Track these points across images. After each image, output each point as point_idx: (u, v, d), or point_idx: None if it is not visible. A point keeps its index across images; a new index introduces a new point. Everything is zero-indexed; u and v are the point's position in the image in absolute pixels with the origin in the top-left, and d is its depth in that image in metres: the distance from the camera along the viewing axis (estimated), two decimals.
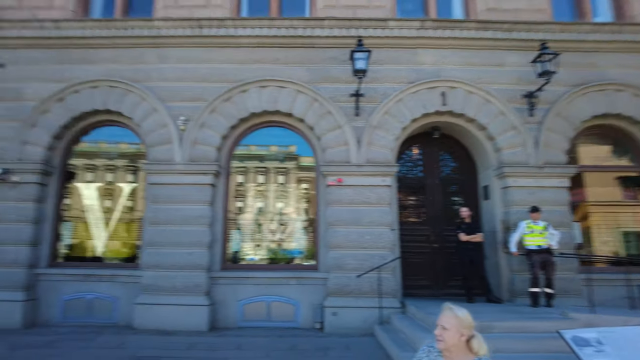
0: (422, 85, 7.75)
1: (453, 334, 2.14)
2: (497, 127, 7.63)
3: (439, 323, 2.19)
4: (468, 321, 2.19)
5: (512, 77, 7.81)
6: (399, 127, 7.69)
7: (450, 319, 2.16)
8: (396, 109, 7.71)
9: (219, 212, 7.75)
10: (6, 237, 7.38)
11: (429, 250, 8.00)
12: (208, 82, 7.91)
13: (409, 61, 7.88)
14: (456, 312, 2.18)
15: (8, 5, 8.35)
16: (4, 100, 7.96)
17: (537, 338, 5.06)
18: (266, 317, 7.29)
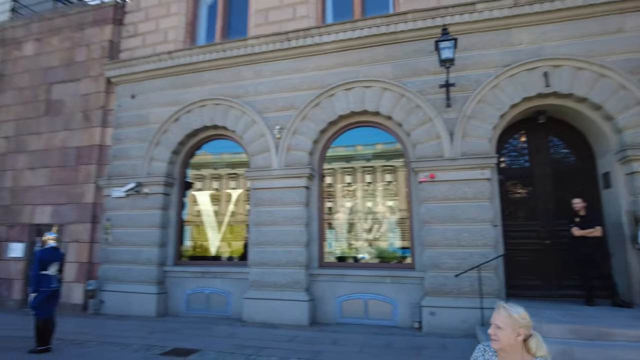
0: (520, 67, 7.08)
1: (509, 333, 1.99)
2: (617, 104, 6.59)
3: (493, 322, 2.06)
4: (525, 320, 2.02)
5: (634, 44, 6.70)
6: (496, 115, 7.14)
7: (504, 318, 2.02)
8: (492, 95, 7.18)
9: (314, 213, 8.09)
10: (141, 240, 8.74)
11: (540, 247, 7.24)
12: (298, 90, 8.35)
13: (503, 43, 7.28)
14: (510, 311, 2.03)
15: (135, 46, 9.92)
16: (135, 125, 9.45)
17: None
18: (364, 315, 7.37)
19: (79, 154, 9.86)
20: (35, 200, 10.02)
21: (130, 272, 8.75)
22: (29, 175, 10.26)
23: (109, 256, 9.02)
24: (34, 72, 10.85)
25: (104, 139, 9.79)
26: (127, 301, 8.58)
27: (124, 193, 9.04)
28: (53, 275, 5.89)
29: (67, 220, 9.58)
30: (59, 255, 6.13)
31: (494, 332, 2.03)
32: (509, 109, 7.14)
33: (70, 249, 9.34)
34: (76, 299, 9.05)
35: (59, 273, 6.05)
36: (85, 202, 9.51)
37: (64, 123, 10.17)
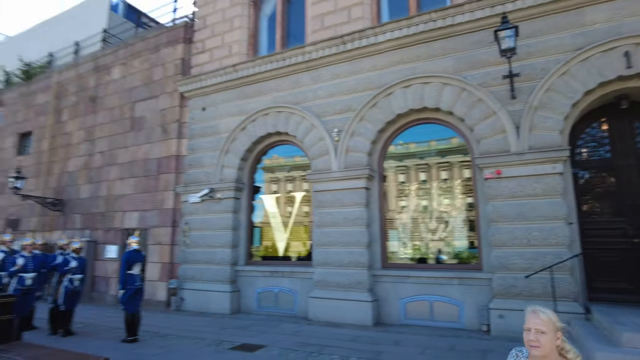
0: (595, 49, 6.47)
1: (551, 338, 1.89)
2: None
3: (532, 327, 1.95)
4: (560, 323, 1.91)
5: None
6: (567, 103, 6.60)
7: (545, 322, 1.91)
8: (561, 83, 6.65)
9: (375, 213, 8.10)
10: (215, 242, 9.40)
11: (627, 247, 6.51)
12: (355, 92, 8.42)
13: (573, 25, 6.70)
14: (548, 314, 1.92)
15: (203, 61, 10.69)
16: (207, 135, 10.19)
17: None
18: (429, 317, 7.23)
19: (159, 164, 10.86)
20: (124, 207, 11.23)
21: (207, 272, 9.45)
22: (119, 185, 11.52)
23: (187, 257, 9.82)
24: (121, 92, 12.17)
25: (180, 149, 10.68)
26: (205, 299, 9.27)
27: (199, 199, 9.78)
28: (137, 275, 6.61)
29: (150, 225, 10.61)
30: (141, 257, 6.86)
31: (535, 338, 1.93)
32: (583, 97, 6.55)
33: (153, 250, 10.34)
34: (160, 297, 9.99)
35: (141, 272, 6.76)
36: (165, 208, 10.46)
37: (146, 137, 11.27)
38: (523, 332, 2.04)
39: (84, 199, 12.24)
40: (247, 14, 10.45)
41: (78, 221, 12.20)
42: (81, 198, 12.32)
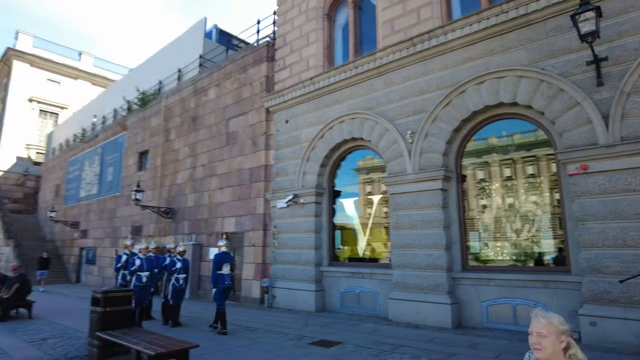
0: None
1: (553, 341, 1.93)
2: None
3: (533, 331, 2.01)
4: (565, 327, 1.93)
5: None
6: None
7: (545, 325, 1.96)
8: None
9: (454, 215, 7.98)
10: (300, 244, 10.07)
11: None
12: (427, 93, 8.41)
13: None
14: (549, 318, 1.96)
15: (284, 77, 11.51)
16: (290, 145, 10.95)
17: None
18: (512, 321, 6.93)
19: (251, 173, 11.94)
20: (223, 214, 12.55)
21: (294, 272, 10.17)
22: (218, 193, 12.91)
23: (277, 258, 10.66)
24: (216, 111, 13.62)
25: (268, 159, 11.62)
26: (292, 297, 9.99)
27: (285, 204, 10.56)
28: (227, 274, 7.50)
29: (245, 229, 11.71)
30: (230, 258, 7.75)
31: (536, 341, 1.99)
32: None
33: (248, 252, 11.40)
34: (255, 294, 10.98)
35: (230, 272, 7.63)
36: (257, 213, 11.46)
37: (239, 150, 12.47)
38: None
39: (190, 207, 13.93)
40: (321, 27, 11.01)
41: (186, 227, 13.93)
42: (188, 206, 14.04)
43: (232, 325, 7.86)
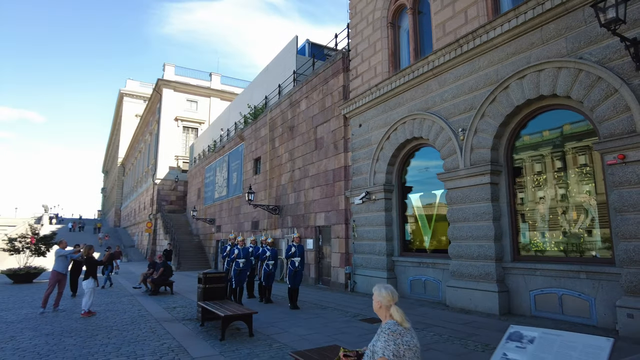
0: None
1: (375, 303, 2.95)
2: None
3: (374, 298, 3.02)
4: (382, 296, 2.90)
5: None
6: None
7: (374, 295, 2.97)
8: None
9: (504, 207, 8.27)
10: (374, 236, 11.24)
11: None
12: (475, 91, 8.76)
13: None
14: (374, 290, 2.96)
15: (357, 85, 12.69)
16: (363, 147, 12.13)
17: None
18: (558, 310, 7.07)
19: (334, 174, 13.46)
20: (315, 210, 14.34)
21: (370, 261, 11.38)
22: (311, 192, 14.75)
23: (356, 248, 11.99)
24: (307, 120, 15.47)
25: (347, 161, 12.99)
26: (369, 283, 11.20)
27: (360, 200, 11.81)
28: (296, 260, 9.19)
29: (332, 223, 13.30)
30: (301, 249, 9.38)
31: (374, 301, 3.03)
32: None
33: (335, 243, 12.96)
34: (340, 280, 12.50)
35: (300, 260, 9.31)
36: (340, 209, 12.94)
37: (324, 153, 14.09)
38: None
39: (291, 204, 16.10)
40: (386, 36, 11.88)
41: (289, 221, 16.16)
42: (290, 204, 16.25)
43: (310, 303, 9.53)
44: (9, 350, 5.96)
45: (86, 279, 8.88)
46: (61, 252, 9.94)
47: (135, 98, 57.10)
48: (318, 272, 14.14)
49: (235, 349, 5.83)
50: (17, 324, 7.95)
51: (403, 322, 2.94)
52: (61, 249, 10.02)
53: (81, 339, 6.56)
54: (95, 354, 5.70)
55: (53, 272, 9.71)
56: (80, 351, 5.83)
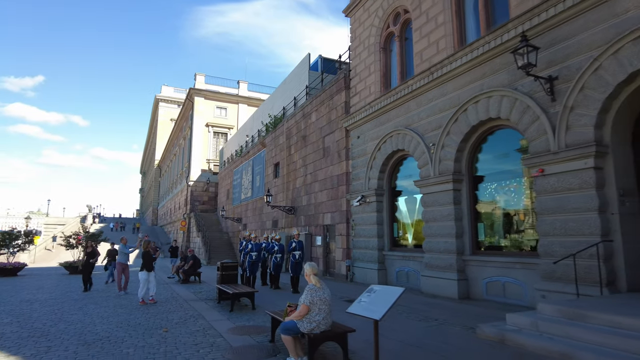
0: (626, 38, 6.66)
1: (305, 274, 4.87)
2: None
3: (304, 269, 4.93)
4: (307, 269, 4.81)
5: None
6: (601, 98, 6.97)
7: (304, 268, 4.89)
8: (594, 79, 7.04)
9: (465, 210, 9.91)
10: (368, 233, 13.08)
11: None
12: (443, 111, 10.43)
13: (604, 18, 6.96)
14: (305, 266, 4.87)
15: (356, 102, 14.50)
16: (360, 156, 13.96)
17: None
18: (502, 294, 8.70)
19: (338, 179, 15.35)
20: (323, 210, 16.29)
21: (365, 255, 13.22)
22: (320, 195, 16.70)
23: (355, 244, 13.85)
24: (316, 131, 17.41)
25: (348, 168, 14.84)
26: (365, 274, 13.05)
27: (357, 202, 13.65)
28: (297, 253, 11.18)
29: (336, 222, 15.21)
30: (301, 244, 11.37)
31: (305, 271, 4.95)
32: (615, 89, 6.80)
33: (338, 239, 14.87)
34: (342, 271, 14.40)
35: (300, 253, 11.27)
36: (342, 210, 14.82)
37: (330, 161, 16.00)
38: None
39: (304, 205, 18.11)
40: (378, 59, 13.63)
41: (302, 220, 18.18)
42: (303, 205, 18.26)
43: None
44: (80, 313, 8.28)
45: (141, 270, 9.92)
46: (123, 248, 12.26)
47: (170, 103, 60.83)
48: (325, 265, 16.08)
49: (239, 316, 7.90)
50: (81, 300, 10.39)
51: (317, 283, 4.88)
52: (123, 245, 12.36)
53: (128, 310, 8.84)
54: (137, 318, 7.91)
55: (118, 263, 12.07)
56: (127, 316, 8.07)
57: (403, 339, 6.01)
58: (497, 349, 5.32)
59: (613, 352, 4.58)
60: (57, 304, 9.95)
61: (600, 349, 4.70)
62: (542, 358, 4.88)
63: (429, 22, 11.20)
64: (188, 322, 7.51)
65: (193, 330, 6.81)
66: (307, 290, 4.90)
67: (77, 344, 5.94)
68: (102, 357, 5.26)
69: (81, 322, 7.54)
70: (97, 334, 6.53)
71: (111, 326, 7.15)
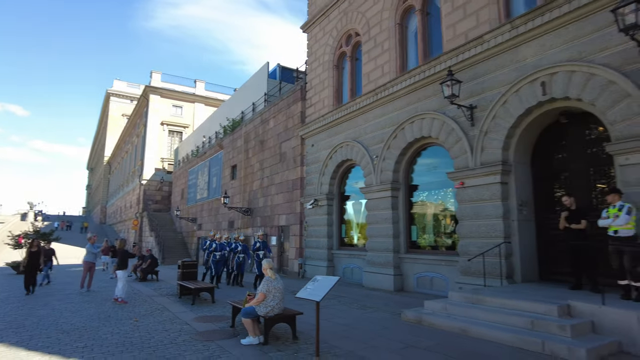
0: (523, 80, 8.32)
1: (263, 269, 5.98)
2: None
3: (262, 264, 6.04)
4: (264, 264, 5.94)
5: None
6: (507, 126, 8.61)
7: (263, 263, 6.00)
8: (503, 110, 8.68)
9: (401, 214, 11.40)
10: (319, 233, 14.33)
11: None
12: (385, 128, 11.87)
13: (509, 62, 8.62)
14: (262, 262, 5.98)
15: (311, 113, 15.72)
16: (314, 163, 15.19)
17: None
18: (430, 287, 10.24)
19: (293, 184, 16.49)
20: (279, 212, 17.36)
21: (315, 253, 14.46)
22: (276, 198, 17.75)
23: (307, 244, 15.06)
24: (274, 137, 18.44)
25: (303, 173, 16.01)
26: (316, 271, 14.26)
27: (310, 206, 14.86)
28: (262, 253, 12.21)
29: (290, 223, 16.34)
30: (265, 244, 12.45)
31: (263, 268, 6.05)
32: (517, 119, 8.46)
33: (292, 239, 16.02)
34: (295, 269, 15.57)
35: (263, 253, 12.31)
36: (297, 212, 15.98)
37: (287, 166, 17.10)
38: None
39: (261, 207, 19.07)
40: (332, 76, 14.93)
41: (259, 221, 19.14)
42: (260, 206, 19.22)
43: None
44: (48, 308, 8.84)
45: (120, 269, 10.03)
46: (91, 248, 12.56)
47: (123, 98, 59.15)
48: (280, 263, 17.15)
49: (200, 308, 8.84)
50: (44, 297, 10.79)
51: (272, 275, 6.02)
52: (91, 245, 12.68)
53: (95, 305, 9.48)
54: (107, 311, 8.62)
55: (85, 262, 12.37)
56: (97, 310, 8.76)
57: (342, 323, 7.27)
58: (412, 327, 6.71)
59: (499, 326, 6.07)
60: (18, 301, 10.32)
61: (490, 324, 6.20)
62: (447, 333, 6.30)
63: (377, 47, 12.63)
64: (155, 313, 8.35)
65: (161, 320, 7.69)
66: (264, 281, 6.02)
67: (56, 332, 6.67)
68: (83, 341, 6.07)
69: (52, 316, 8.15)
70: (73, 324, 7.25)
71: (83, 318, 7.86)
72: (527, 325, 5.77)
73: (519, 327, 5.85)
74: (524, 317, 5.88)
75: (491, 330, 5.97)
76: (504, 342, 5.64)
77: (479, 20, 9.46)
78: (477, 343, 5.71)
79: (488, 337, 5.89)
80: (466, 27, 9.73)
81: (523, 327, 5.81)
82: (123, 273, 10.00)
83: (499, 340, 5.73)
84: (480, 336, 5.98)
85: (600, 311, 5.61)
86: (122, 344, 5.93)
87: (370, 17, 12.95)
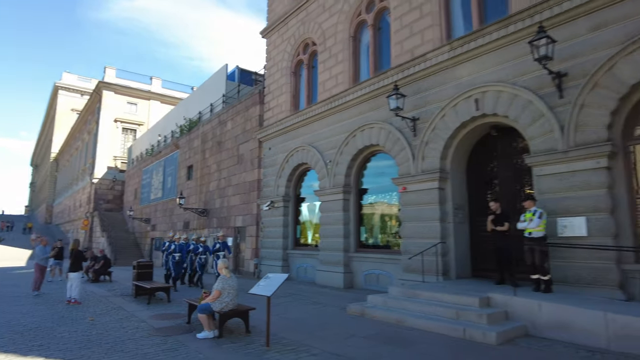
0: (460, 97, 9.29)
1: (219, 267, 6.46)
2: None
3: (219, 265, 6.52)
4: (220, 264, 6.43)
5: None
6: (445, 137, 9.55)
7: (219, 264, 6.48)
8: (442, 123, 9.62)
9: (352, 215, 12.17)
10: (275, 234, 14.83)
11: None
12: (338, 135, 12.59)
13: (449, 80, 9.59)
14: (219, 262, 6.46)
15: (269, 116, 16.18)
16: (271, 166, 15.66)
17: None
18: (376, 284, 11.05)
19: (250, 185, 16.87)
20: (235, 213, 17.67)
21: (271, 253, 14.96)
22: (233, 199, 18.05)
23: (263, 244, 15.52)
24: (232, 138, 18.72)
25: (260, 175, 16.44)
26: (270, 270, 14.60)
27: (267, 207, 15.32)
28: (222, 254, 12.54)
29: (247, 224, 16.71)
30: (225, 245, 12.79)
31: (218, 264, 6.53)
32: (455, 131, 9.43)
33: (249, 240, 16.41)
34: (250, 269, 15.98)
35: (223, 254, 12.63)
36: (253, 213, 16.39)
37: (244, 167, 17.45)
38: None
39: (217, 208, 19.27)
40: (289, 82, 15.47)
41: (215, 223, 19.32)
42: (216, 207, 19.40)
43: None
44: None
45: (74, 271, 9.95)
46: (42, 250, 12.23)
47: (72, 92, 56.20)
48: (235, 264, 17.46)
49: (156, 307, 9.11)
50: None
51: (227, 274, 6.50)
52: (42, 247, 12.34)
53: (48, 306, 9.47)
54: (60, 312, 8.69)
55: (36, 264, 11.96)
56: (50, 311, 8.80)
57: (293, 317, 7.86)
58: (356, 319, 7.43)
59: (430, 316, 6.90)
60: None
61: (422, 315, 7.01)
62: (385, 324, 7.05)
63: (331, 58, 13.33)
64: (111, 312, 8.54)
65: (117, 318, 7.92)
66: (219, 279, 6.49)
67: (9, 333, 6.77)
68: (39, 340, 6.26)
69: (2, 318, 8.13)
70: (26, 325, 7.34)
71: (36, 319, 7.92)
72: (453, 316, 6.63)
73: (446, 317, 6.69)
74: (451, 309, 6.74)
75: (423, 321, 6.78)
76: (433, 330, 6.46)
77: (424, 39, 10.36)
78: (409, 332, 6.50)
79: (420, 326, 6.69)
80: (412, 44, 10.61)
81: (449, 317, 6.67)
82: (77, 274, 9.95)
83: (428, 329, 6.54)
84: (413, 326, 6.77)
85: (512, 301, 6.57)
86: (79, 342, 6.18)
87: (326, 28, 13.64)
